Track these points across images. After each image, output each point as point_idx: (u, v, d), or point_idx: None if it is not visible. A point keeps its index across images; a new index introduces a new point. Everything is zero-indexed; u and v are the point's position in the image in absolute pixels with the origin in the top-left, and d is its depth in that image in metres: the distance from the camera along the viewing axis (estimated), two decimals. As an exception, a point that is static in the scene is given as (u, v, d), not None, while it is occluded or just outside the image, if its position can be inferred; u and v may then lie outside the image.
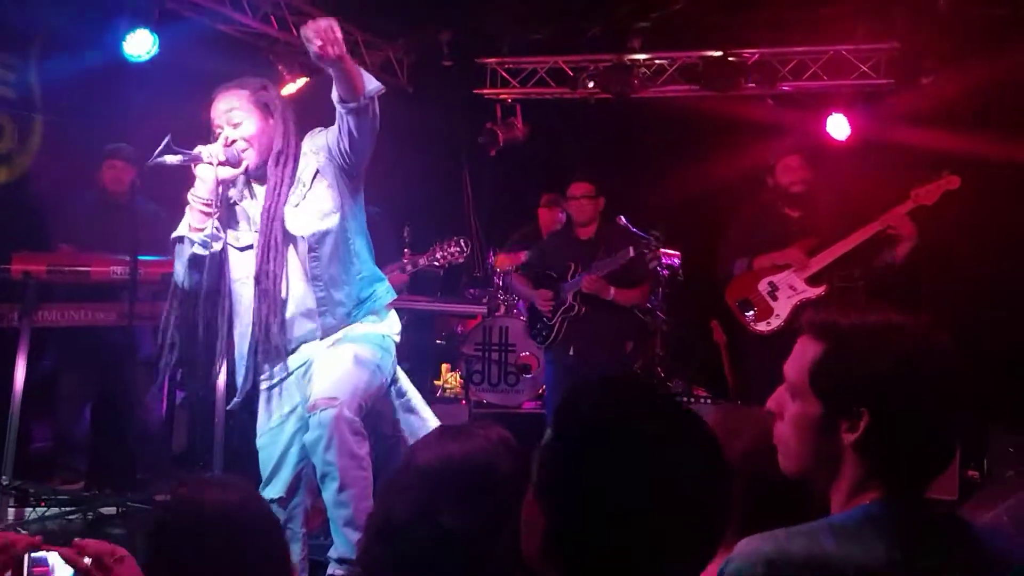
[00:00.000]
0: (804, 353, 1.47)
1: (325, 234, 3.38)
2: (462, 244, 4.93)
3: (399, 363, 3.68)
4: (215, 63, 5.82)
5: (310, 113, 3.58)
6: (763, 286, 4.95)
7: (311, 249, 3.39)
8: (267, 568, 1.70)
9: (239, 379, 3.51)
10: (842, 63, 6.70)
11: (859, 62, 6.66)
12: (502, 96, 7.31)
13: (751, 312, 4.97)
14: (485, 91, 7.31)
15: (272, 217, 3.34)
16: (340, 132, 3.28)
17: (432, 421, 3.62)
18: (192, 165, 3.28)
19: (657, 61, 6.89)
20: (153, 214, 5.16)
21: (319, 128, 3.46)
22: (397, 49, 6.81)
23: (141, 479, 5.12)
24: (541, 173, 6.95)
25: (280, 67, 6.14)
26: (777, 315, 4.90)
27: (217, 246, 3.37)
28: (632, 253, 5.08)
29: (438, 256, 5.22)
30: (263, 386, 3.54)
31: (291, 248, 3.40)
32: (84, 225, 5.11)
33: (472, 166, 7.35)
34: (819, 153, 5.57)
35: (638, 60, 6.85)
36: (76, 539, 1.59)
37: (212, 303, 3.50)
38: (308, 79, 6.19)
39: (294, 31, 6.20)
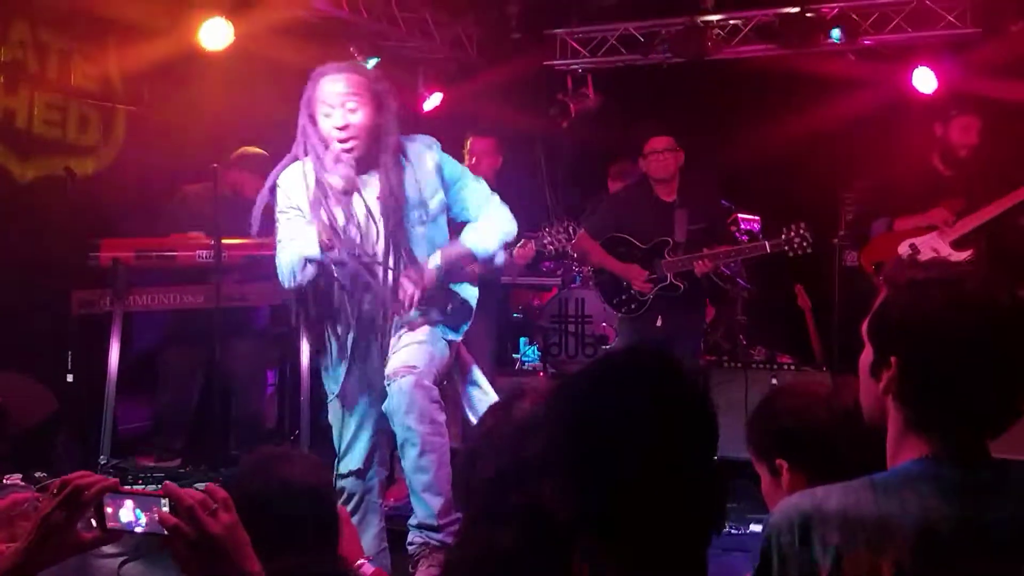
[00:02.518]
0: (876, 303, 1.49)
1: (437, 267, 3.46)
2: (570, 229, 4.84)
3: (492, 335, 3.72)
4: (288, 48, 5.93)
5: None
6: (903, 249, 4.70)
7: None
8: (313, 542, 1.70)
9: (335, 364, 3.54)
10: (926, 13, 6.41)
11: (944, 12, 6.38)
12: (572, 67, 7.22)
13: None
14: (555, 63, 7.22)
15: (390, 209, 3.35)
16: (462, 208, 3.50)
17: (492, 395, 3.66)
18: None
19: (731, 21, 6.70)
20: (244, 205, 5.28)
21: (431, 142, 3.50)
22: (466, 25, 6.81)
23: (234, 455, 5.28)
24: (615, 143, 6.86)
25: (352, 48, 6.19)
26: None
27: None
28: (768, 250, 4.85)
29: (546, 241, 5.10)
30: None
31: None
32: (201, 216, 5.20)
33: (545, 139, 7.30)
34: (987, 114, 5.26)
35: (711, 21, 6.67)
36: (166, 483, 1.45)
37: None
38: (379, 59, 6.25)
39: (364, 13, 6.26)
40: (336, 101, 3.26)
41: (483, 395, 3.67)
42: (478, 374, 3.73)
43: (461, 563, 1.43)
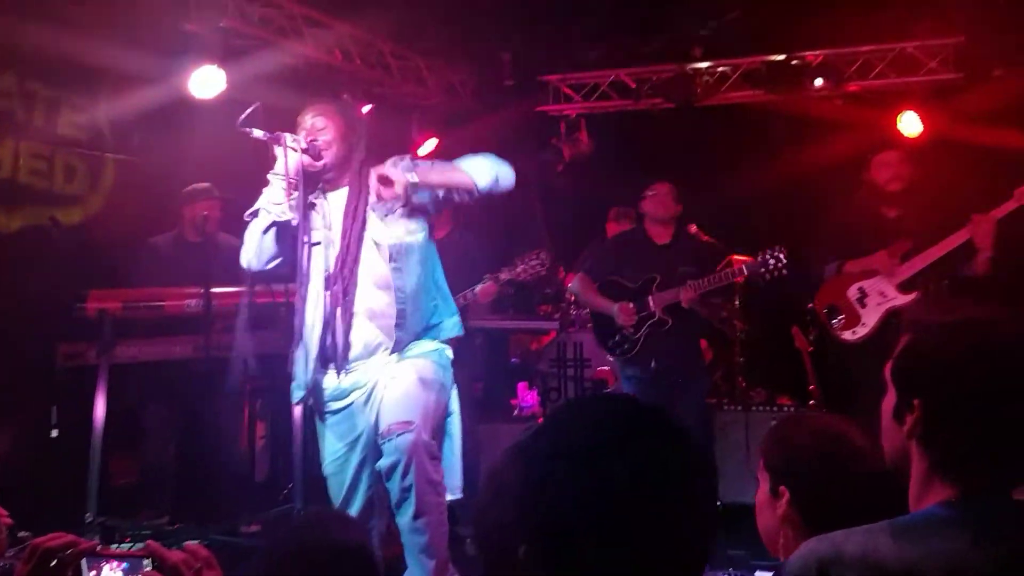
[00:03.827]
0: (897, 347, 1.46)
1: (410, 248, 3.46)
2: (542, 257, 4.88)
3: (475, 381, 3.66)
4: (280, 96, 5.89)
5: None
6: (852, 292, 4.74)
7: (393, 258, 3.44)
8: None
9: (303, 372, 3.48)
10: (909, 60, 6.54)
11: (926, 58, 6.49)
12: (565, 112, 7.29)
13: (838, 319, 4.75)
14: (548, 108, 7.31)
15: (354, 220, 3.43)
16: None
17: (458, 447, 3.58)
18: (274, 144, 3.39)
19: (720, 68, 6.81)
20: (235, 249, 5.19)
21: (407, 157, 3.53)
22: (460, 72, 6.84)
23: (225, 511, 5.11)
24: (609, 187, 6.87)
25: (345, 96, 6.18)
26: (864, 323, 4.66)
27: (292, 216, 3.42)
28: (747, 272, 4.82)
29: (519, 270, 5.10)
30: (329, 408, 3.51)
31: (373, 256, 3.44)
32: (162, 267, 5.13)
33: (540, 183, 7.31)
34: (917, 149, 5.32)
35: (700, 68, 6.79)
36: (149, 542, 1.45)
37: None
38: (372, 106, 6.24)
39: (357, 60, 6.26)
40: (308, 124, 3.50)
41: (451, 451, 3.57)
42: (455, 424, 3.62)
43: None
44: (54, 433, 4.73)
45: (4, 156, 5.26)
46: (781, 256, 4.77)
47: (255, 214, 3.46)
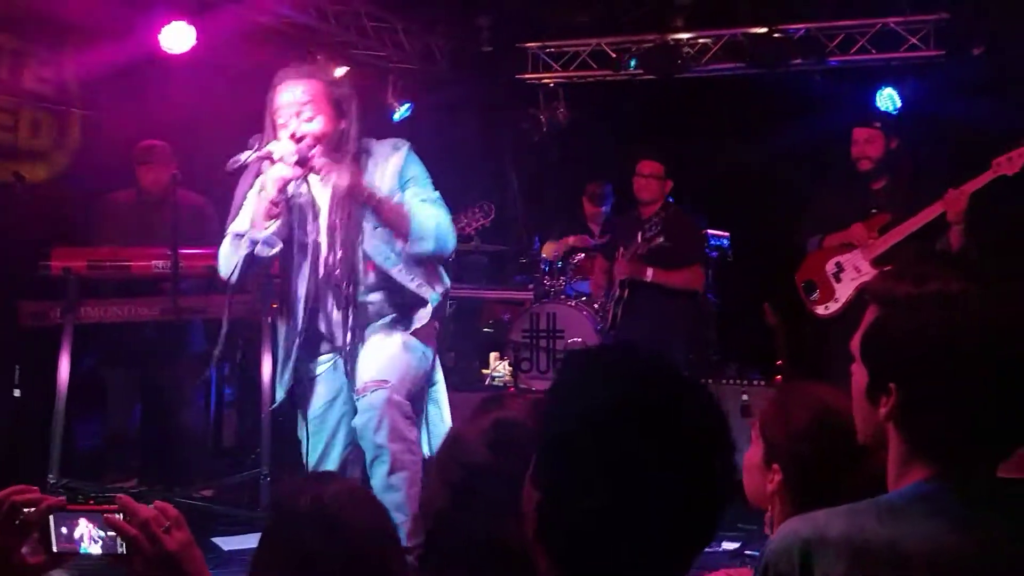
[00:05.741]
0: (866, 319, 1.41)
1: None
2: (484, 208, 4.84)
3: (447, 351, 3.59)
4: (253, 54, 5.78)
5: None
6: (830, 266, 4.74)
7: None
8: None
9: (286, 369, 3.39)
10: (891, 35, 6.52)
11: (908, 34, 6.47)
12: (544, 81, 7.22)
13: (814, 294, 4.76)
14: (527, 76, 7.23)
15: (345, 212, 3.21)
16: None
17: (447, 415, 3.52)
18: (263, 163, 3.09)
19: (701, 39, 6.75)
20: (197, 209, 5.10)
21: (400, 143, 3.32)
22: (436, 36, 6.74)
23: (191, 475, 5.07)
24: (586, 157, 6.84)
25: (320, 57, 6.08)
26: (836, 299, 4.67)
27: (275, 250, 3.17)
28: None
29: (463, 224, 5.00)
30: (310, 371, 3.46)
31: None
32: (123, 225, 5.04)
33: (516, 152, 7.26)
34: (895, 125, 5.31)
35: (682, 39, 6.72)
36: (119, 495, 1.38)
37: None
38: (348, 68, 6.13)
39: (332, 21, 6.14)
40: (291, 111, 3.12)
41: (440, 419, 3.54)
42: (441, 392, 3.60)
43: None
44: (17, 393, 4.65)
45: (-32, 109, 5.13)
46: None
47: (239, 235, 3.15)
